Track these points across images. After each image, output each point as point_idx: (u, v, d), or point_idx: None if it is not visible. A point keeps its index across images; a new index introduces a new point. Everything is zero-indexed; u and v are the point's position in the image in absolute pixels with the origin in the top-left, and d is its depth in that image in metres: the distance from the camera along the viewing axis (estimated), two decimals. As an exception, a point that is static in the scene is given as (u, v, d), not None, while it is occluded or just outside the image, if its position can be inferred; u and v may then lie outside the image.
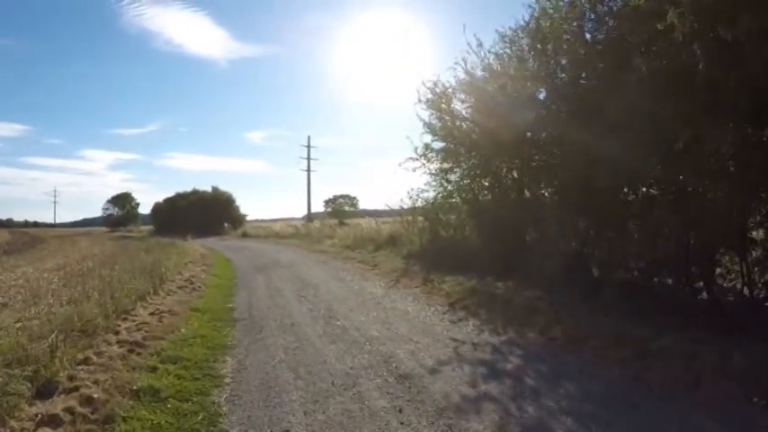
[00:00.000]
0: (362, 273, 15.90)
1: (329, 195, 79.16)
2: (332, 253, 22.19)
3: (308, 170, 63.07)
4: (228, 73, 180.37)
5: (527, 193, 14.22)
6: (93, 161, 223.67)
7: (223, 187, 67.56)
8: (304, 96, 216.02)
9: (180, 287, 13.97)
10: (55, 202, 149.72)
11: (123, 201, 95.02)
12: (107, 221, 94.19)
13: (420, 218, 18.93)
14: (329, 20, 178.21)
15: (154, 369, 6.94)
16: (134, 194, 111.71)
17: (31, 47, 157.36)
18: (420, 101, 15.75)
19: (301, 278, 15.44)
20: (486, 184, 15.71)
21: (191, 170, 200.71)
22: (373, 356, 7.27)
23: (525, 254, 12.93)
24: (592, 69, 10.11)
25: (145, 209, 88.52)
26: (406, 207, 19.50)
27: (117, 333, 8.72)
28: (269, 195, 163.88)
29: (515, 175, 14.34)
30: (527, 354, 7.27)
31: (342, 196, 79.66)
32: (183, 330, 9.06)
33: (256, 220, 70.02)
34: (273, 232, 40.38)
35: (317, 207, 73.42)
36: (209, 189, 67.07)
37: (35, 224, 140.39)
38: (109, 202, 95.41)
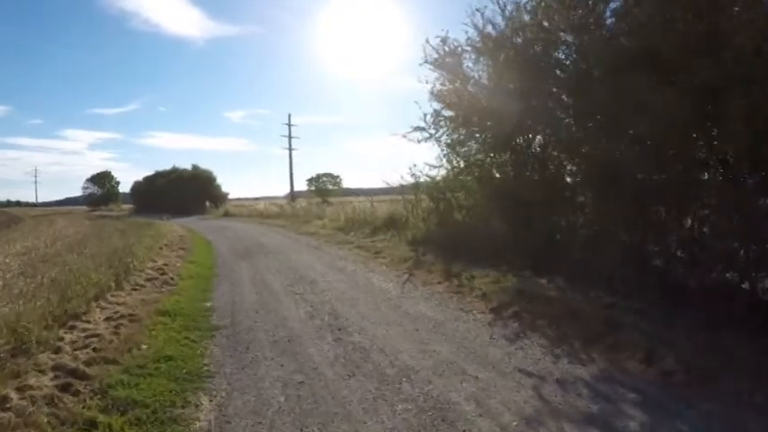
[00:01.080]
0: (365, 262, 13.53)
1: (312, 174, 77.21)
2: (323, 236, 19.72)
3: (290, 148, 60.72)
4: (206, 52, 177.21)
5: (554, 172, 11.79)
6: (73, 141, 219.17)
7: (204, 166, 64.66)
8: (283, 75, 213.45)
9: (149, 279, 11.66)
10: (36, 182, 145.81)
11: (103, 179, 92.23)
12: (88, 201, 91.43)
13: (423, 197, 16.70)
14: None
15: (90, 427, 4.50)
16: (115, 173, 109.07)
17: (8, 27, 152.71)
18: (426, 61, 13.37)
19: (293, 268, 13.10)
20: (506, 159, 13.21)
21: (172, 149, 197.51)
22: (419, 405, 4.84)
23: (559, 245, 10.88)
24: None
25: (126, 187, 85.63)
26: (406, 185, 17.14)
27: (57, 351, 6.50)
28: (250, 174, 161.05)
29: (550, 151, 11.83)
30: (645, 401, 4.83)
31: (325, 174, 77.89)
32: (143, 347, 6.76)
33: (238, 199, 67.50)
34: (257, 212, 37.70)
35: (300, 186, 71.31)
36: (188, 167, 64.01)
37: (17, 203, 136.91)
38: (89, 180, 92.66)
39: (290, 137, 60.58)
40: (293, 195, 59.76)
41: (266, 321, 8.01)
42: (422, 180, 16.38)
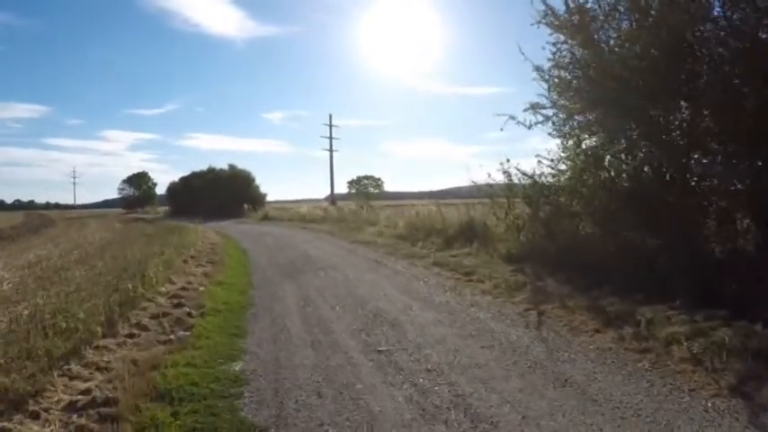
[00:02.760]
0: (456, 287, 9.83)
1: (352, 176, 74.06)
2: (382, 246, 15.95)
3: (330, 149, 57.88)
4: (245, 53, 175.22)
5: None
6: (113, 141, 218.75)
7: (242, 167, 61.24)
8: (322, 77, 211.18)
9: (157, 315, 8.24)
10: (74, 183, 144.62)
11: (139, 180, 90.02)
12: (123, 203, 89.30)
13: (513, 200, 13.14)
14: (349, 1, 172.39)
15: None
16: (154, 175, 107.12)
17: (49, 27, 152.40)
18: (542, 21, 10.29)
19: (357, 295, 9.46)
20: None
21: (211, 150, 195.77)
22: None
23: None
24: None
25: (163, 189, 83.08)
26: (495, 184, 13.43)
27: None
28: (289, 176, 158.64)
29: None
30: None
31: (366, 177, 74.55)
32: None
33: (277, 201, 64.38)
34: (299, 216, 33.95)
35: (340, 189, 68.02)
36: (225, 168, 60.75)
37: (56, 206, 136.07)
38: (125, 182, 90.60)
39: (330, 137, 57.81)
40: (333, 198, 57.01)
41: (340, 424, 4.29)
42: (516, 180, 12.74)
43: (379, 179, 74.47)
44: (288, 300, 9.35)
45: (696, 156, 9.11)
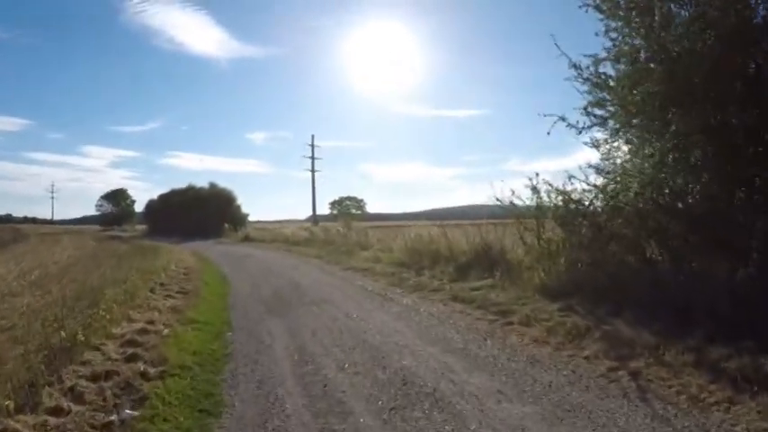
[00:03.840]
0: (495, 333, 7.78)
1: (333, 197, 72.24)
2: (383, 275, 13.69)
3: (312, 170, 55.97)
4: (229, 73, 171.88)
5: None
6: (94, 158, 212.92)
7: (224, 185, 58.71)
8: (304, 97, 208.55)
9: (101, 375, 5.98)
10: (53, 198, 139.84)
11: (118, 197, 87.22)
12: (102, 219, 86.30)
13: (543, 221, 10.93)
14: (330, 21, 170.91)
15: None
16: (135, 192, 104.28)
17: (31, 40, 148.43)
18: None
19: (372, 346, 7.24)
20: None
21: (193, 169, 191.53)
22: None
23: None
24: None
25: (142, 206, 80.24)
26: (521, 204, 11.24)
27: None
28: (271, 197, 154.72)
29: None
30: None
31: (348, 198, 72.74)
32: None
33: (258, 222, 61.87)
34: (282, 236, 31.40)
35: (322, 210, 65.88)
36: (206, 185, 58.20)
37: (33, 220, 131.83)
38: (103, 198, 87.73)
39: (312, 158, 55.90)
40: (315, 219, 54.87)
41: None
42: (550, 197, 10.57)
43: (361, 200, 72.67)
44: (277, 349, 7.14)
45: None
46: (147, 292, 11.08)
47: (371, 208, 76.67)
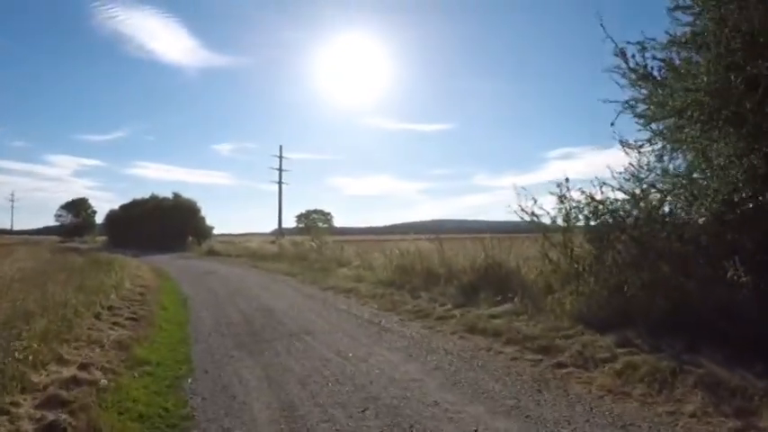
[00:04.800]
0: (550, 383, 5.79)
1: (300, 210, 70.01)
2: (370, 297, 11.69)
3: (280, 182, 53.57)
4: (198, 82, 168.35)
5: None
6: (57, 166, 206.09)
7: (188, 196, 56.08)
8: (272, 109, 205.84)
9: None
10: (12, 207, 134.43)
11: (78, 207, 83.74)
12: (61, 230, 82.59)
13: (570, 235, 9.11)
14: (301, 34, 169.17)
15: None
16: (98, 202, 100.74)
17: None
18: None
19: (387, 407, 5.13)
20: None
21: (158, 180, 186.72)
22: None
23: None
24: None
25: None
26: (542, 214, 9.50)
27: None
28: (235, 209, 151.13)
29: None
30: None
31: (315, 211, 70.50)
32: None
33: (222, 235, 59.32)
34: (248, 251, 29.06)
35: (288, 223, 63.55)
36: (169, 196, 55.47)
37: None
38: (63, 208, 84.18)
39: (280, 169, 53.50)
40: (281, 232, 52.62)
41: None
42: (571, 210, 8.95)
43: (328, 213, 70.47)
44: (255, 409, 5.12)
45: None
46: (91, 319, 9.01)
47: (338, 222, 74.55)
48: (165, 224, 48.34)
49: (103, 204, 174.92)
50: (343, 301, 11.55)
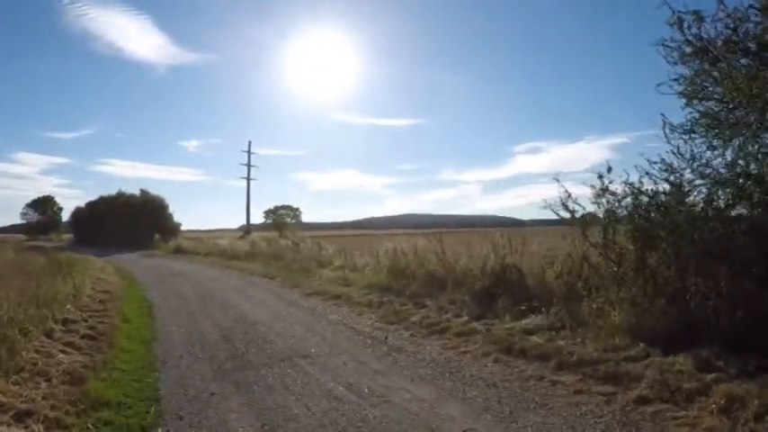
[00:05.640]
0: (638, 428, 3.85)
1: (268, 206, 67.59)
2: (366, 306, 9.90)
3: (248, 177, 51.78)
4: (167, 79, 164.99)
5: None
6: (25, 164, 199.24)
7: (156, 193, 53.50)
8: (240, 106, 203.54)
9: None
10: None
11: (44, 205, 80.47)
12: (26, 228, 79.12)
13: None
14: (269, 31, 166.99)
15: None
16: (66, 200, 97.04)
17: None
18: None
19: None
20: None
21: (126, 177, 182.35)
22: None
23: None
24: None
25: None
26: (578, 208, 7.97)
27: None
28: (203, 205, 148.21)
29: None
30: None
31: (283, 207, 67.99)
32: None
33: (190, 231, 56.94)
34: (219, 249, 26.84)
35: (256, 219, 61.33)
36: (137, 193, 52.88)
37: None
38: (28, 206, 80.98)
39: (248, 165, 51.59)
40: (249, 228, 51.58)
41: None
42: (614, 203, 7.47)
43: (297, 209, 68.11)
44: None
45: None
46: (41, 338, 7.20)
47: (305, 217, 72.25)
48: (131, 221, 45.90)
49: (72, 202, 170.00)
50: (334, 310, 9.81)
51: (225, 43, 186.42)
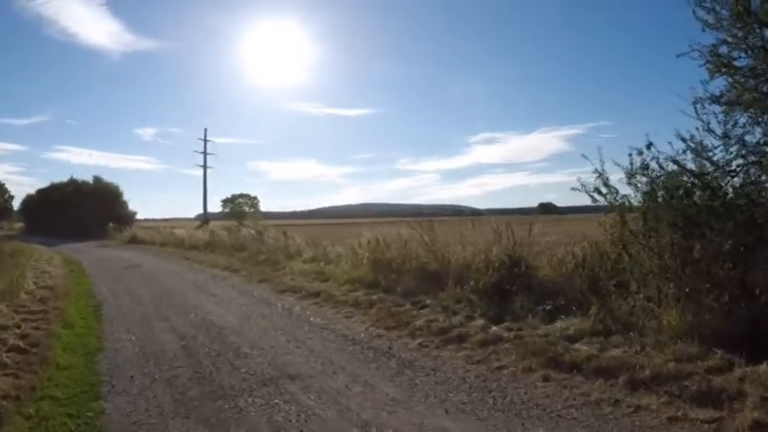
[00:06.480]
0: None
1: (225, 195, 65.37)
2: (354, 306, 8.19)
3: (205, 165, 49.56)
4: (122, 66, 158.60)
5: None
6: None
7: (110, 180, 50.64)
8: (197, 94, 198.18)
9: None
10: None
11: (-6, 193, 75.55)
12: (-24, 217, 74.70)
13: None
14: (226, 18, 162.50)
15: None
16: (19, 187, 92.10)
17: None
18: None
19: None
20: None
21: (81, 164, 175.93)
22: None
23: None
24: None
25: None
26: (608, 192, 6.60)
27: None
28: (159, 194, 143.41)
29: None
30: None
31: (241, 196, 65.84)
32: None
33: (146, 220, 54.47)
34: (176, 239, 24.65)
35: (213, 208, 59.23)
36: (89, 180, 49.96)
37: None
38: (-22, 194, 75.68)
39: (205, 153, 49.52)
40: (206, 217, 49.63)
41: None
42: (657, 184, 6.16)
43: (255, 198, 65.85)
44: None
45: None
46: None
47: (264, 206, 69.93)
48: (84, 209, 43.18)
49: (26, 190, 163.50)
50: (315, 312, 8.11)
51: (181, 31, 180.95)
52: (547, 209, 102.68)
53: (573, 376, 4.59)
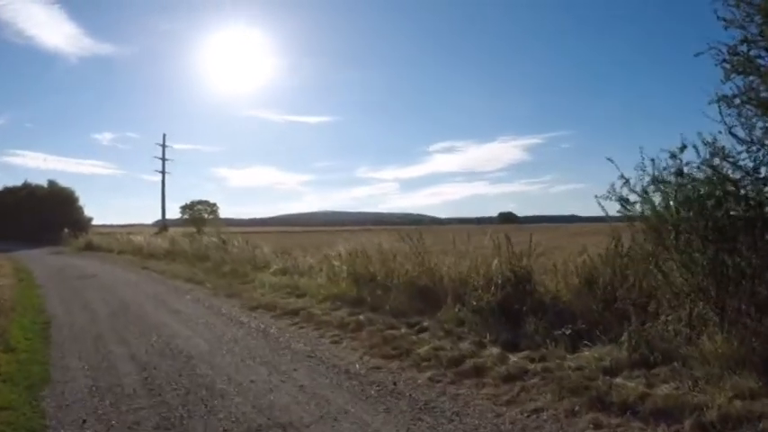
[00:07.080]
0: None
1: (184, 201, 63.18)
2: (338, 328, 7.11)
3: (163, 171, 47.95)
4: (79, 70, 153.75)
5: None
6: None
7: (66, 185, 48.49)
8: (155, 99, 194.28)
9: None
10: None
11: (-55, 197, 71.63)
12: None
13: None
14: (184, 24, 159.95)
15: None
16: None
17: None
18: None
19: None
20: None
21: (36, 169, 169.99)
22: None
23: None
24: None
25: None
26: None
27: None
28: (116, 200, 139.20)
29: None
30: None
31: (200, 202, 63.91)
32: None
33: (103, 226, 52.24)
34: (133, 246, 23.13)
35: (171, 215, 57.21)
36: (44, 184, 47.74)
37: None
38: (-74, 199, 71.63)
39: (163, 158, 47.83)
40: (165, 224, 47.54)
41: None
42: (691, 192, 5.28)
43: (214, 204, 63.95)
44: None
45: None
46: None
47: (223, 213, 67.95)
48: (38, 215, 41.34)
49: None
50: (295, 334, 7.03)
51: (140, 36, 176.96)
52: (507, 218, 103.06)
53: (628, 421, 3.69)
